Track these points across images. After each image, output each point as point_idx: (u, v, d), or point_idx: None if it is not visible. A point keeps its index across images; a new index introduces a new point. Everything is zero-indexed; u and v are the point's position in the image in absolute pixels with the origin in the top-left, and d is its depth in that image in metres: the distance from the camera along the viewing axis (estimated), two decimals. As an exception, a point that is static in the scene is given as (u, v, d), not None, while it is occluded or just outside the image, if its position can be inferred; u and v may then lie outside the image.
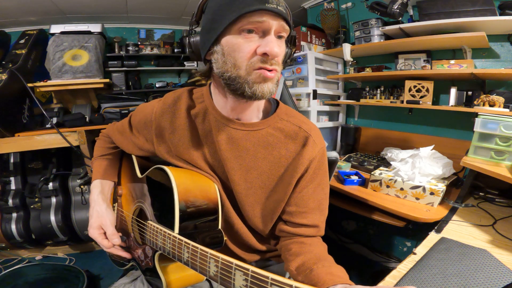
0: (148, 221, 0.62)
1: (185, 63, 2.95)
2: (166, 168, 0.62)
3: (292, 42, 0.61)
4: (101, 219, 0.70)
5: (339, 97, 2.17)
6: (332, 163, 0.89)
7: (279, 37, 0.54)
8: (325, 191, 0.68)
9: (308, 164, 0.63)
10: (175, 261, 0.61)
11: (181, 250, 0.50)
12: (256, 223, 0.68)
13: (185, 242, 0.49)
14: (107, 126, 0.85)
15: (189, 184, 0.61)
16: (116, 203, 0.80)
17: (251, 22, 0.50)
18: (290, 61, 0.63)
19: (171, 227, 0.56)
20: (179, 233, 0.54)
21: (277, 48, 0.51)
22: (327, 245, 0.65)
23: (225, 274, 0.40)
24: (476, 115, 1.13)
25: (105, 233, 0.70)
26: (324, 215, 0.68)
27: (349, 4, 2.05)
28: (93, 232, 0.70)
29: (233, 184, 0.65)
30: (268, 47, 0.50)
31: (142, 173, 0.72)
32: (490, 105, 1.25)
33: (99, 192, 0.74)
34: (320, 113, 2.07)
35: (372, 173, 1.33)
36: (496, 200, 1.15)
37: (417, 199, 1.18)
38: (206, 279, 0.72)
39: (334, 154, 0.92)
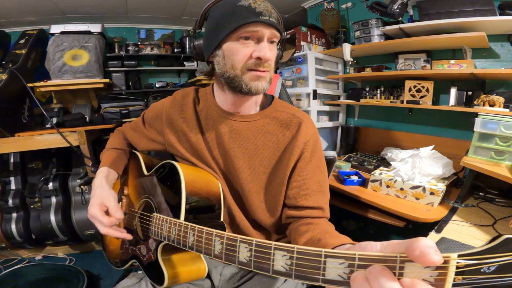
0: (154, 214, 0.65)
1: (185, 63, 2.95)
2: (174, 162, 0.67)
3: (283, 44, 0.72)
4: (103, 197, 0.69)
5: (339, 97, 2.17)
6: (330, 162, 0.90)
7: (272, 42, 0.62)
8: (324, 173, 0.72)
9: (303, 147, 0.68)
10: (177, 255, 0.64)
11: (187, 234, 0.53)
12: (261, 213, 0.71)
13: (191, 225, 0.52)
14: (123, 125, 0.91)
15: (194, 177, 0.66)
16: (120, 202, 0.81)
17: (247, 31, 0.58)
18: (281, 60, 0.74)
19: (177, 217, 0.60)
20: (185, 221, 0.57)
21: (269, 52, 0.60)
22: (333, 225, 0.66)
23: (230, 249, 0.42)
24: (476, 115, 1.13)
25: (106, 211, 0.68)
26: (327, 197, 0.71)
27: (349, 4, 2.05)
28: (93, 209, 0.67)
29: (239, 172, 0.70)
30: (262, 52, 0.59)
31: (148, 170, 0.76)
32: (490, 105, 1.25)
33: (104, 177, 0.75)
34: (320, 113, 2.07)
35: (372, 173, 1.33)
36: (496, 200, 1.15)
37: (417, 199, 1.18)
38: (207, 277, 0.73)
39: (331, 154, 0.93)
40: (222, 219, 0.66)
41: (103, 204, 0.68)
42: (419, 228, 1.40)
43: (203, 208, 0.64)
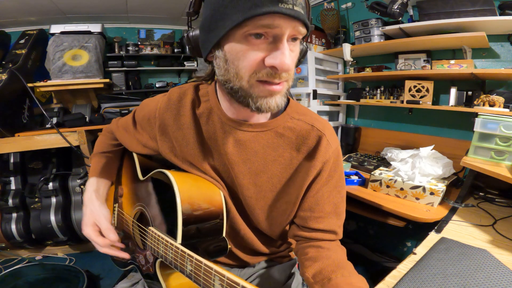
0: (149, 227, 0.60)
1: (185, 63, 2.95)
2: (168, 173, 0.59)
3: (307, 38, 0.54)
4: (94, 215, 0.67)
5: (339, 97, 2.17)
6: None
7: (294, 39, 0.45)
8: (341, 193, 0.63)
9: (321, 167, 0.57)
10: None
11: (184, 262, 0.47)
12: (266, 226, 0.66)
13: (188, 254, 0.46)
14: (111, 122, 0.81)
15: (192, 191, 0.58)
16: (117, 204, 0.79)
17: (259, 26, 0.40)
18: (303, 58, 0.56)
19: (173, 236, 0.53)
20: (182, 243, 0.52)
21: (289, 59, 0.43)
22: (345, 248, 0.62)
23: None
24: (476, 115, 1.13)
25: (100, 231, 0.67)
26: (341, 219, 0.63)
27: (349, 4, 2.05)
28: (87, 229, 0.66)
29: (242, 189, 0.61)
30: (278, 59, 0.42)
31: (144, 175, 0.69)
32: (490, 105, 1.25)
33: (94, 191, 0.72)
34: (320, 113, 2.07)
35: (372, 173, 1.33)
36: (496, 200, 1.15)
37: (417, 199, 1.18)
38: None
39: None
40: (224, 234, 0.59)
41: (95, 224, 0.67)
42: (419, 228, 1.41)
43: (203, 224, 0.57)
